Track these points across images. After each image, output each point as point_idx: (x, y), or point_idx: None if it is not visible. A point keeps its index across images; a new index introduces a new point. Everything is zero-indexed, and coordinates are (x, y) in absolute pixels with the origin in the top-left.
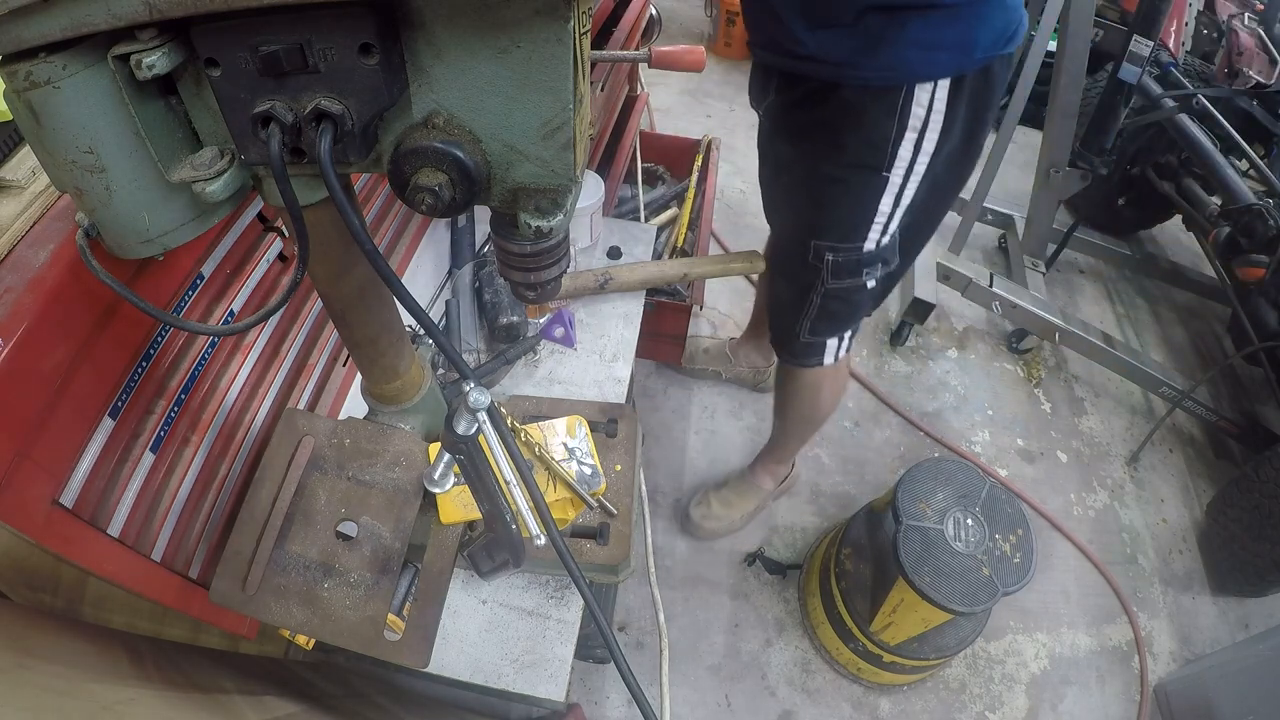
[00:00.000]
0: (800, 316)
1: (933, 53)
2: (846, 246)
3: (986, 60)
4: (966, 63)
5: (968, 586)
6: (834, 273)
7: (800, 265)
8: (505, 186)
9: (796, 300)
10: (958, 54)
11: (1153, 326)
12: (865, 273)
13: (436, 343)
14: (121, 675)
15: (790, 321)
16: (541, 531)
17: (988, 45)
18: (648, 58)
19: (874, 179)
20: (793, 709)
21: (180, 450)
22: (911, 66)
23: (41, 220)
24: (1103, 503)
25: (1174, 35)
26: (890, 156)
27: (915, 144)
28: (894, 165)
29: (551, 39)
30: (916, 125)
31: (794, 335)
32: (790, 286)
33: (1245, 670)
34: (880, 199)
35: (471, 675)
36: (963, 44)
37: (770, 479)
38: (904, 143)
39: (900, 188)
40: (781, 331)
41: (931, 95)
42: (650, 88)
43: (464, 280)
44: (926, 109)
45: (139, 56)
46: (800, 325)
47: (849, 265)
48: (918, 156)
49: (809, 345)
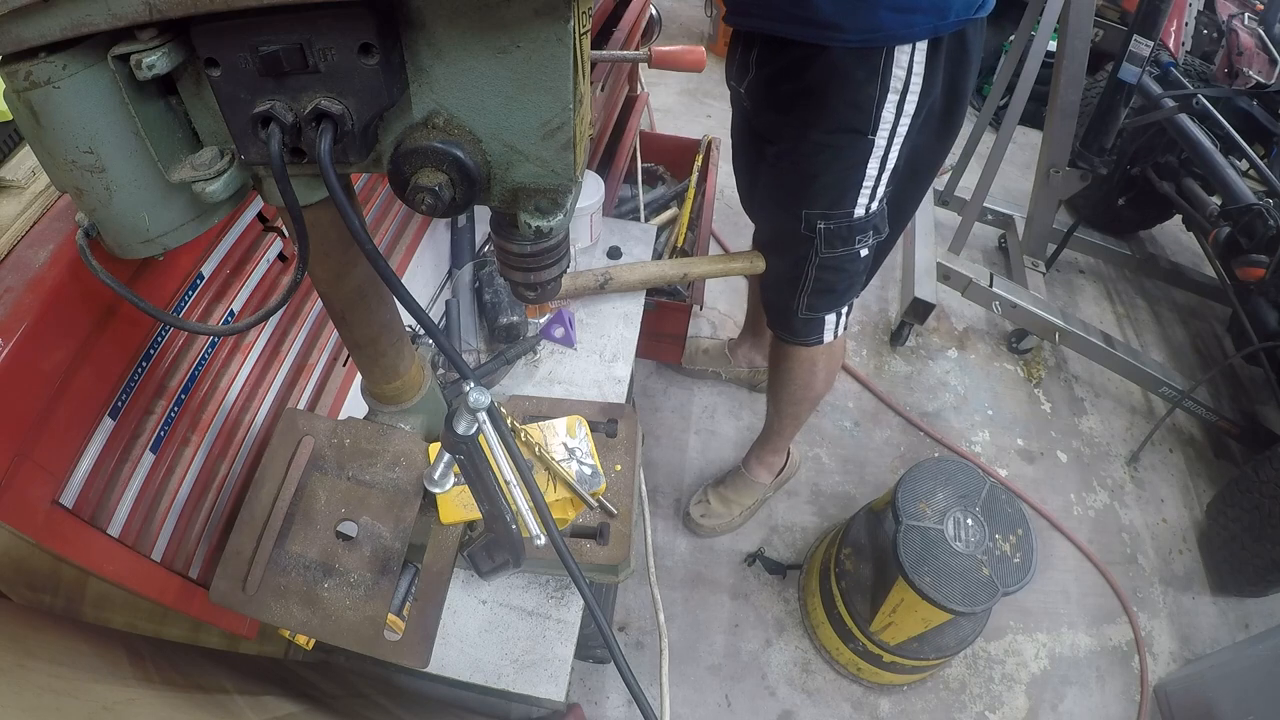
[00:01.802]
0: (797, 291)
1: (909, 15)
2: (838, 213)
3: (960, 24)
4: (942, 26)
5: (968, 586)
6: (827, 241)
7: (793, 238)
8: (505, 186)
9: (792, 275)
10: (933, 17)
11: (1153, 326)
12: (858, 240)
13: (436, 343)
14: (121, 675)
15: (787, 298)
16: (541, 531)
17: (961, 8)
18: (648, 58)
19: (860, 142)
20: (793, 709)
21: (180, 450)
22: (889, 28)
23: (41, 220)
24: (1103, 503)
25: (1174, 35)
26: (875, 119)
27: (897, 106)
28: (878, 128)
29: (551, 39)
30: (898, 87)
31: (792, 312)
32: (784, 261)
33: (1245, 670)
34: (867, 163)
35: (471, 675)
36: (937, 7)
37: (766, 471)
38: (886, 104)
39: (885, 150)
40: (779, 310)
41: (910, 58)
42: (650, 88)
43: (464, 280)
44: (906, 70)
45: (139, 56)
46: (798, 300)
47: (841, 232)
48: (899, 119)
49: (808, 322)
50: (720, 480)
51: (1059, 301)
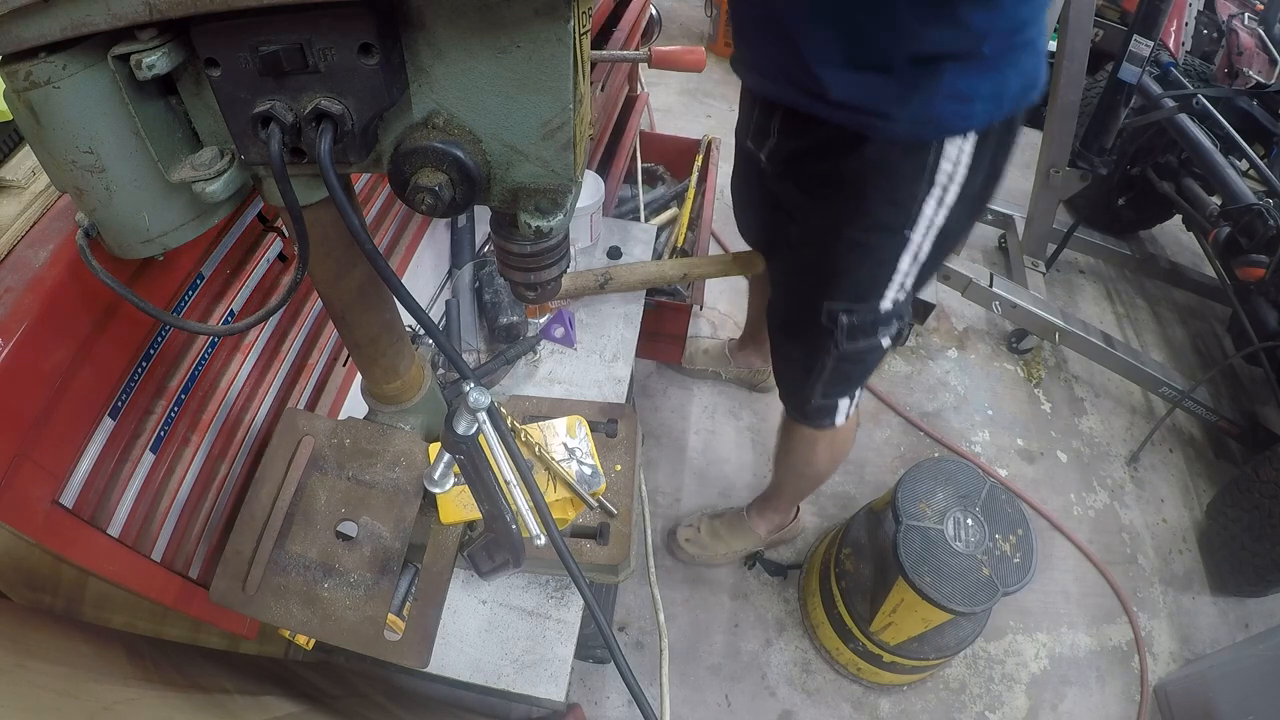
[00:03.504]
0: (813, 380)
1: (968, 104)
2: (862, 307)
3: (1014, 110)
4: (997, 113)
5: (968, 586)
6: (849, 335)
7: (811, 327)
8: (505, 186)
9: (807, 363)
10: (991, 105)
11: (1153, 326)
12: (880, 331)
13: (436, 343)
14: (121, 675)
15: (801, 384)
16: (541, 531)
17: (1017, 94)
18: (648, 58)
19: (896, 240)
20: (793, 709)
21: (180, 450)
22: (946, 119)
23: (41, 220)
24: (1103, 503)
25: (1174, 35)
26: (915, 216)
27: (939, 199)
28: (917, 224)
29: (551, 39)
30: (943, 181)
31: (805, 399)
32: (798, 347)
33: (1245, 670)
34: (900, 259)
35: (471, 675)
36: (996, 94)
37: (764, 525)
38: (929, 199)
39: (920, 244)
40: (790, 392)
41: (959, 149)
42: (650, 88)
43: (464, 280)
44: (954, 163)
45: (139, 56)
46: (813, 388)
47: (864, 326)
48: (939, 212)
49: (820, 408)
50: (718, 514)
51: (1059, 301)
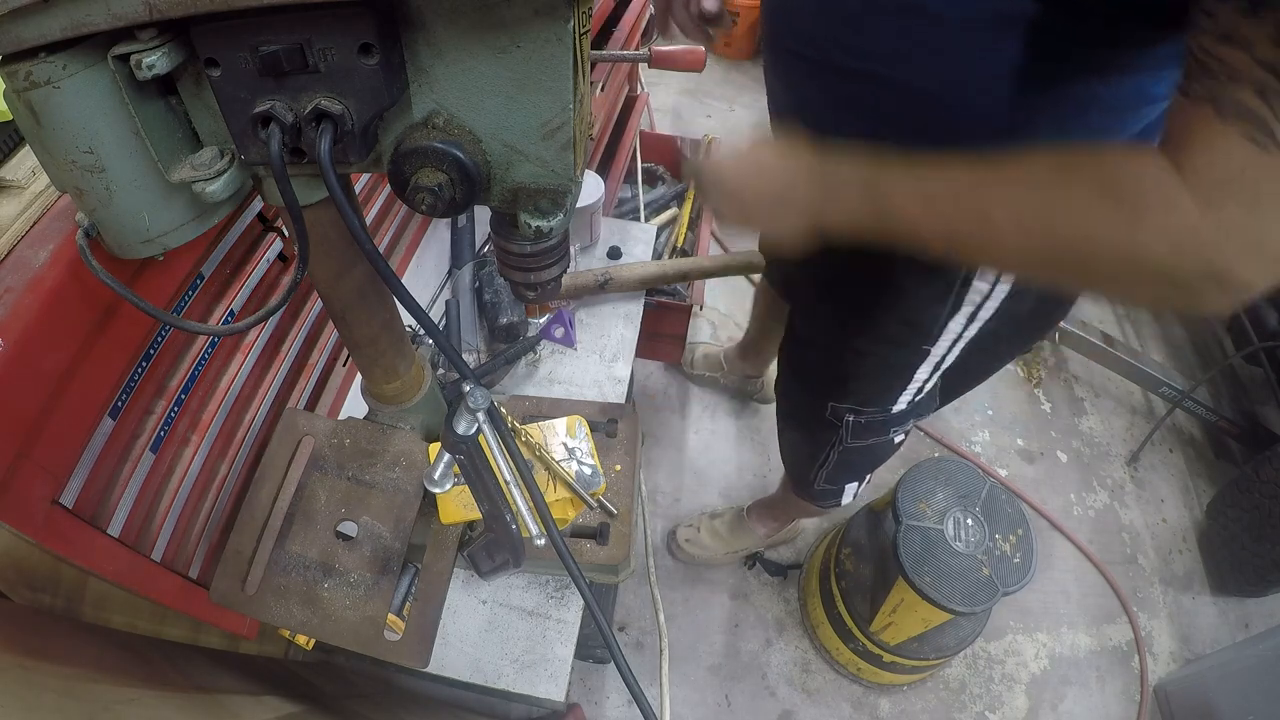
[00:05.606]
0: (815, 466)
1: None
2: (872, 410)
3: None
4: None
5: (968, 586)
6: (855, 434)
7: (815, 422)
8: (505, 186)
9: (811, 452)
10: None
11: (1153, 326)
12: (892, 431)
13: (436, 343)
14: (121, 675)
15: (804, 468)
16: (541, 531)
17: None
18: (648, 58)
19: (914, 354)
20: (793, 709)
21: (180, 450)
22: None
23: (41, 220)
24: (1103, 503)
25: None
26: (936, 333)
27: (970, 316)
28: (940, 339)
29: (551, 39)
30: (975, 300)
31: (808, 482)
32: (802, 436)
33: (1245, 670)
34: (918, 369)
35: (471, 675)
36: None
37: (763, 527)
38: (957, 317)
39: (944, 355)
40: (794, 473)
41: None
42: (650, 88)
43: (464, 280)
44: (991, 284)
45: (139, 56)
46: (816, 475)
47: (873, 426)
48: (970, 326)
49: (825, 491)
50: (718, 514)
51: None
